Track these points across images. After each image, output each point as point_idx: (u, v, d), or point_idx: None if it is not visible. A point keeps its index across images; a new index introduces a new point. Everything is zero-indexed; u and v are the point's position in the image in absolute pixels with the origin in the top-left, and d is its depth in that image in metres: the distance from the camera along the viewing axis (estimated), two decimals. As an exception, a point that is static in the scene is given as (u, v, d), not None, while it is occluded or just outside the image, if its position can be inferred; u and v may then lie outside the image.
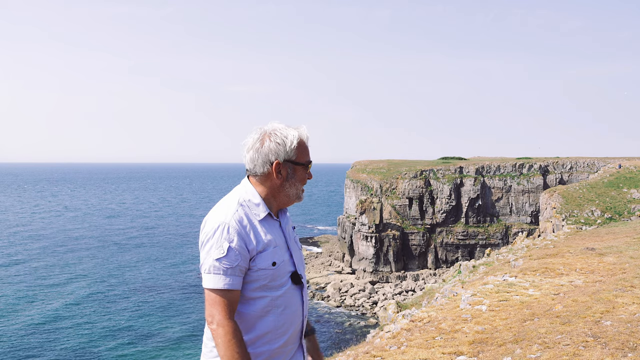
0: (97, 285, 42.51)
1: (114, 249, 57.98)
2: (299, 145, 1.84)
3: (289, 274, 1.81)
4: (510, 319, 5.66)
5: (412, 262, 47.77)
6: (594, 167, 51.53)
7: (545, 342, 4.61)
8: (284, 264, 1.80)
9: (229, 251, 1.70)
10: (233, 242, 1.71)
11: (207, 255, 1.72)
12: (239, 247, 1.71)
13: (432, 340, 5.35)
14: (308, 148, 1.88)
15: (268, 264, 1.75)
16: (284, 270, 1.80)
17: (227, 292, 1.70)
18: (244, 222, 1.75)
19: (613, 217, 26.48)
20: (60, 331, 31.83)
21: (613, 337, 4.51)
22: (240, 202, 1.80)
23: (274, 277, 1.77)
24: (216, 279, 1.70)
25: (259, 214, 1.80)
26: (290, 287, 1.81)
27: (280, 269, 1.79)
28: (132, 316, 34.96)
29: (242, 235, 1.73)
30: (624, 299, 5.73)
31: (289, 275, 1.81)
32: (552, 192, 31.88)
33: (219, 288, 1.69)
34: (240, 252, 1.72)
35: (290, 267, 1.83)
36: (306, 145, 1.87)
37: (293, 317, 1.83)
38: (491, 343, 4.93)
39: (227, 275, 1.69)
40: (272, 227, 1.83)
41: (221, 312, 1.68)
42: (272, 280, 1.76)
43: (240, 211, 1.77)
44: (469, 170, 51.17)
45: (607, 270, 8.10)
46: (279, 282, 1.78)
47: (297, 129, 1.87)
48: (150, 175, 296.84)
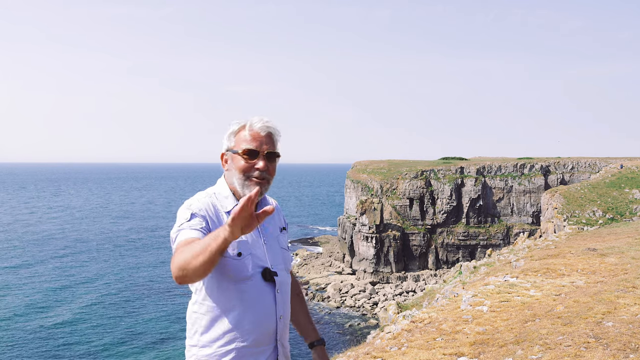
0: (99, 287, 42.55)
1: (115, 251, 58.05)
2: (239, 132, 1.79)
3: (260, 270, 1.75)
4: (511, 319, 5.64)
5: (412, 263, 47.71)
6: (595, 167, 51.44)
7: (546, 343, 4.59)
8: (252, 257, 1.74)
9: (192, 216, 1.67)
10: (197, 212, 1.69)
11: (174, 227, 1.69)
12: (202, 217, 1.68)
13: (433, 341, 5.34)
14: (257, 137, 1.76)
15: (233, 253, 1.69)
16: (252, 263, 1.73)
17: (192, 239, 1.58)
18: (209, 209, 1.73)
19: (615, 217, 26.42)
20: (62, 333, 31.85)
21: (615, 338, 4.49)
22: (208, 194, 1.80)
23: (240, 268, 1.70)
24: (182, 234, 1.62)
25: (226, 206, 1.77)
26: (260, 284, 1.74)
27: (247, 261, 1.72)
28: (136, 319, 34.97)
29: (205, 216, 1.69)
30: (626, 300, 5.71)
31: (259, 271, 1.74)
32: (554, 193, 31.83)
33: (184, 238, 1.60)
34: (203, 220, 1.68)
35: (261, 263, 1.76)
36: (253, 133, 1.77)
37: (262, 316, 1.74)
38: (492, 344, 4.91)
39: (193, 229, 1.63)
40: None
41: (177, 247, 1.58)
42: (235, 272, 1.70)
43: (206, 199, 1.76)
44: (469, 170, 51.11)
45: (609, 270, 8.07)
46: (245, 274, 1.71)
47: (248, 118, 1.81)
48: (150, 175, 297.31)
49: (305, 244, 64.83)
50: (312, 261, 53.40)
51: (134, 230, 73.38)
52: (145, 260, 53.12)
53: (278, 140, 1.83)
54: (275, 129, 1.82)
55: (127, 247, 60.25)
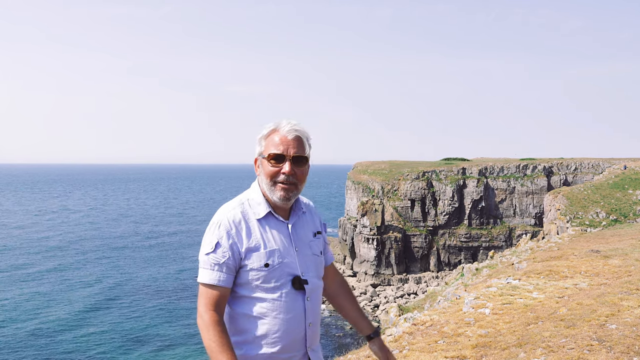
0: (102, 289, 42.58)
1: (115, 252, 58.13)
2: (268, 136, 1.79)
3: (290, 278, 1.77)
4: (513, 322, 5.60)
5: (414, 265, 47.57)
6: (598, 168, 51.22)
7: (549, 346, 4.55)
8: (282, 266, 1.75)
9: (217, 247, 1.71)
10: (222, 238, 1.71)
11: (201, 249, 1.76)
12: (228, 244, 1.71)
13: (435, 344, 5.30)
14: (284, 141, 1.76)
15: (260, 264, 1.73)
16: (282, 272, 1.75)
17: (212, 287, 1.70)
18: (237, 219, 1.75)
19: (618, 219, 26.25)
20: (63, 339, 31.87)
21: (618, 340, 4.45)
22: (241, 201, 1.81)
23: (268, 278, 1.73)
24: (203, 273, 1.72)
25: (259, 213, 1.78)
26: (290, 292, 1.76)
27: (276, 271, 1.75)
28: (136, 320, 34.97)
29: (232, 234, 1.72)
30: (630, 302, 5.66)
31: (289, 279, 1.76)
32: (557, 194, 31.69)
33: (204, 282, 1.71)
34: (228, 249, 1.71)
35: (292, 271, 1.77)
36: (281, 137, 1.76)
37: (291, 324, 1.78)
38: (494, 347, 4.87)
39: (214, 270, 1.70)
40: (275, 227, 1.79)
41: (204, 305, 1.70)
42: (265, 282, 1.73)
43: (237, 209, 1.77)
44: (471, 171, 50.98)
45: (612, 273, 8.01)
46: (274, 284, 1.74)
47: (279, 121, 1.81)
48: (150, 176, 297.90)
49: (307, 246, 64.66)
50: (313, 263, 53.28)
51: (135, 231, 73.50)
52: (146, 262, 53.17)
53: (307, 144, 1.82)
54: (303, 132, 1.81)
55: (128, 248, 60.32)
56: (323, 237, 2.02)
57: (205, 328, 1.66)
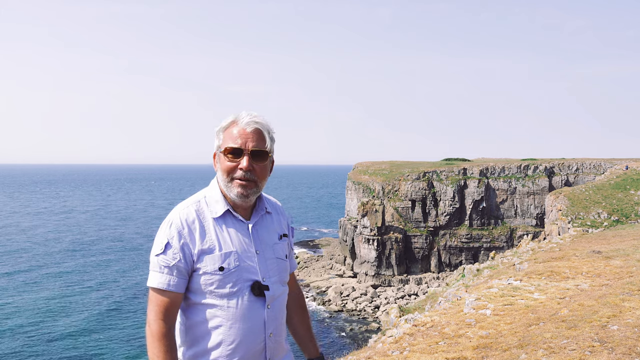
0: (102, 292, 42.60)
1: (116, 252, 58.19)
2: (227, 129, 1.64)
3: (249, 283, 1.61)
4: (515, 323, 5.58)
5: (414, 266, 47.52)
6: (600, 168, 51.14)
7: (550, 347, 4.53)
8: (239, 271, 1.61)
9: (167, 247, 1.58)
10: (173, 238, 1.58)
11: (152, 250, 1.63)
12: (179, 245, 1.58)
13: (435, 345, 5.28)
14: (242, 134, 1.61)
15: (214, 267, 1.59)
16: (239, 276, 1.60)
17: (161, 292, 1.57)
18: (190, 218, 1.61)
19: (620, 219, 26.18)
20: (69, 340, 31.88)
21: (620, 341, 4.43)
22: (197, 199, 1.67)
23: (222, 283, 1.59)
24: (153, 276, 1.60)
25: (216, 211, 1.64)
26: (249, 299, 1.61)
27: (232, 275, 1.60)
28: (137, 321, 34.97)
29: (184, 234, 1.59)
30: (631, 303, 5.64)
31: (247, 284, 1.61)
32: (558, 194, 31.64)
33: (153, 286, 1.58)
34: (179, 250, 1.57)
35: (251, 276, 1.62)
36: (239, 130, 1.61)
37: (249, 333, 1.61)
38: (495, 348, 4.85)
39: (164, 273, 1.57)
40: (235, 228, 1.64)
41: (152, 312, 1.57)
42: (219, 287, 1.59)
43: (191, 207, 1.64)
44: (472, 171, 50.93)
45: (614, 273, 7.99)
46: (229, 290, 1.59)
47: (239, 113, 1.65)
48: (150, 176, 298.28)
49: (306, 247, 64.73)
50: (312, 264, 53.27)
51: (135, 232, 73.57)
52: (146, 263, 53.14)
53: (269, 138, 1.66)
54: (264, 125, 1.65)
55: (128, 248, 60.39)
56: (289, 241, 1.84)
57: (151, 340, 1.53)
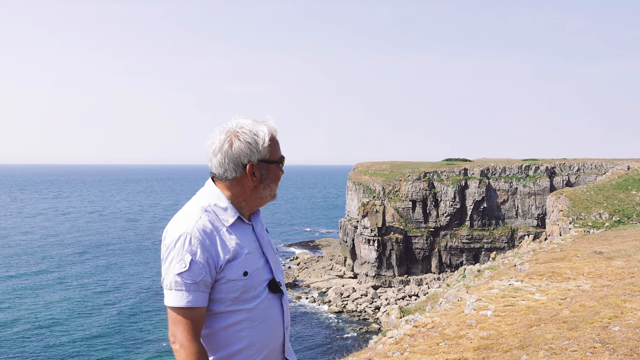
0: (102, 291, 42.61)
1: (115, 252, 58.20)
2: (271, 141, 1.69)
3: (266, 283, 1.67)
4: (516, 324, 5.56)
5: (415, 266, 47.46)
6: (601, 168, 51.04)
7: (552, 348, 4.51)
8: (259, 272, 1.66)
9: (192, 264, 1.55)
10: (196, 254, 1.56)
11: (167, 269, 1.58)
12: (203, 259, 1.56)
13: (436, 346, 5.26)
14: (279, 142, 1.73)
15: (239, 274, 1.61)
16: (259, 279, 1.66)
17: (190, 310, 1.56)
18: (208, 230, 1.60)
19: (621, 220, 26.11)
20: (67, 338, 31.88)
21: (621, 342, 4.41)
22: (204, 208, 1.64)
23: (247, 288, 1.62)
24: (178, 296, 1.55)
25: (227, 220, 1.65)
26: (267, 297, 1.67)
27: (254, 278, 1.65)
28: (137, 321, 34.97)
29: (207, 246, 1.58)
30: (633, 304, 5.61)
31: (265, 284, 1.67)
32: (559, 195, 31.57)
33: (181, 306, 1.55)
34: (205, 265, 1.56)
35: (266, 275, 1.69)
36: (277, 140, 1.72)
37: (272, 331, 1.68)
38: (496, 349, 4.84)
39: (190, 291, 1.55)
40: (244, 232, 1.68)
41: (183, 332, 1.55)
42: (244, 292, 1.62)
43: (204, 218, 1.62)
44: (473, 172, 50.88)
45: (616, 274, 7.96)
46: (253, 293, 1.64)
47: (266, 123, 1.70)
48: (151, 177, 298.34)
49: (306, 247, 64.67)
50: (312, 265, 53.21)
51: (135, 232, 73.59)
52: (146, 264, 53.19)
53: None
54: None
55: (128, 249, 60.39)
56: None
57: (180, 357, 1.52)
